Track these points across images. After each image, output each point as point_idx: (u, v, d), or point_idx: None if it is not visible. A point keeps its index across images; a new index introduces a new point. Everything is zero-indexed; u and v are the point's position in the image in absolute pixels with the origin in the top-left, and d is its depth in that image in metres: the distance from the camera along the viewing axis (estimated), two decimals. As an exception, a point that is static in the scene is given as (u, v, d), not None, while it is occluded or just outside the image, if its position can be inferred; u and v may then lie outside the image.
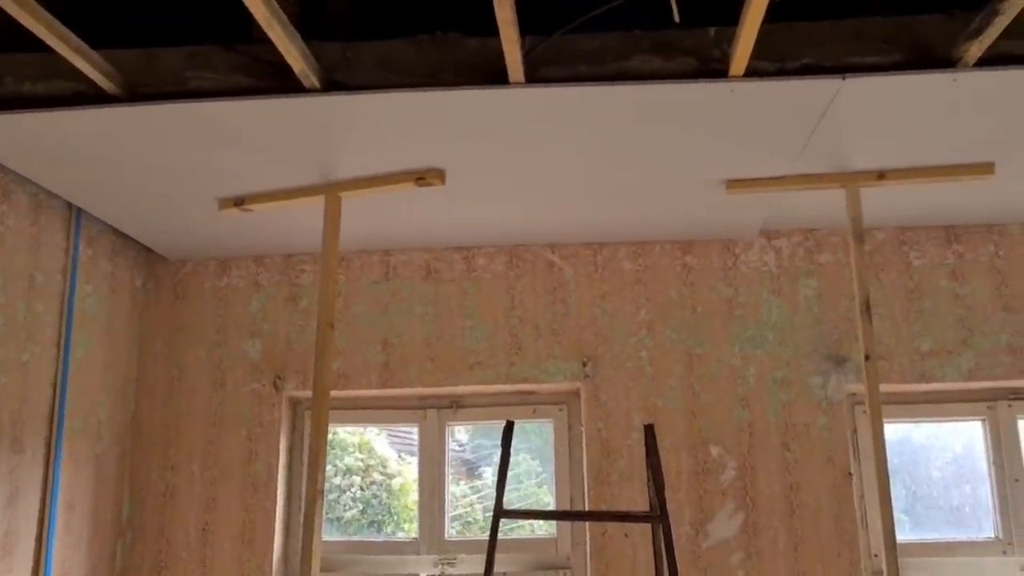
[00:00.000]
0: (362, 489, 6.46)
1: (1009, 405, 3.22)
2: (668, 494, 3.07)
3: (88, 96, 2.28)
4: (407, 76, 2.27)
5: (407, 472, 6.33)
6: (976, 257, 3.27)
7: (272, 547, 3.18)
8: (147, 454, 3.30)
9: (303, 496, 3.25)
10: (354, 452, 6.58)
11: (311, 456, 2.56)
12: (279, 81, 2.23)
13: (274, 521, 3.19)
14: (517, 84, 2.18)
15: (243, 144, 2.49)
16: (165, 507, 3.25)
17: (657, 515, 2.22)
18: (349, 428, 6.03)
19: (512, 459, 4.71)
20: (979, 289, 3.24)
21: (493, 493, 2.45)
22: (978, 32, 1.96)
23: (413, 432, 3.53)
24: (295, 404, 3.43)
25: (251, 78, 2.26)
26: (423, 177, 2.68)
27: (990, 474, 3.19)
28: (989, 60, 2.07)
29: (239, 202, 2.86)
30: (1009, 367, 3.15)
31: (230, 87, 2.26)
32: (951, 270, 3.27)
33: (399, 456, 6.70)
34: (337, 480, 6.31)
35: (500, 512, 2.27)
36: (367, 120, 2.37)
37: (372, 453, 6.61)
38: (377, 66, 2.27)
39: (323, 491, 2.53)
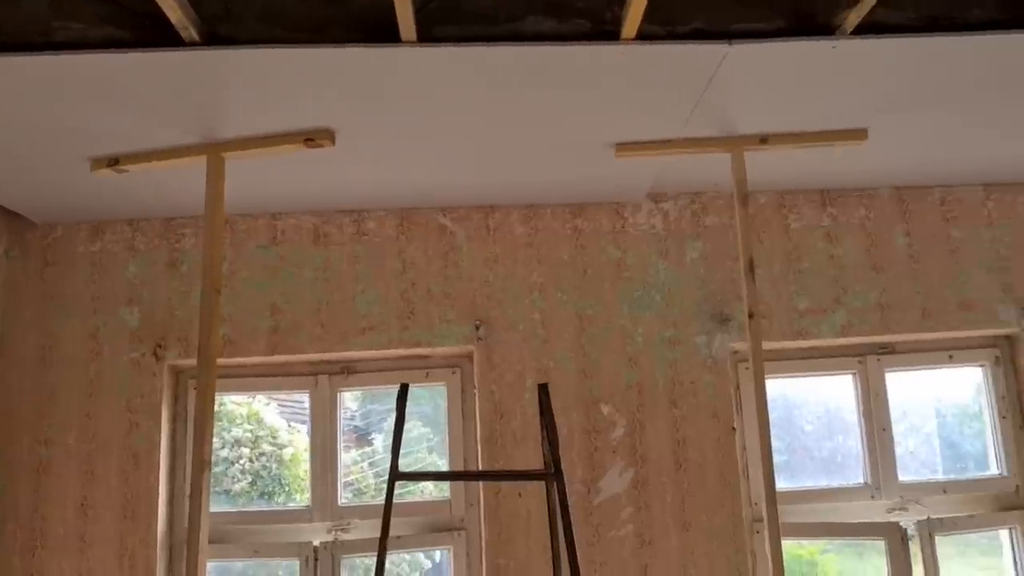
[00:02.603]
0: (251, 461, 6.32)
1: (878, 360, 3.41)
2: (561, 453, 3.15)
3: (-59, 45, 2.10)
4: (293, 31, 2.18)
5: (298, 441, 6.23)
6: (849, 220, 3.43)
7: (156, 521, 3.07)
8: (16, 428, 3.13)
9: (188, 468, 3.16)
10: (242, 423, 6.42)
11: (197, 426, 2.48)
12: (155, 33, 2.11)
13: (157, 494, 3.09)
14: (409, 43, 2.13)
15: (116, 100, 2.35)
16: (39, 483, 3.09)
17: (552, 473, 2.25)
18: (237, 399, 5.87)
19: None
20: (851, 250, 3.40)
21: (384, 459, 2.46)
22: (854, 1, 2.03)
23: (304, 401, 3.46)
24: (178, 373, 3.30)
25: (124, 29, 2.13)
26: (312, 138, 2.60)
27: (859, 424, 3.38)
28: (866, 28, 2.15)
29: (113, 162, 2.71)
30: (877, 324, 3.33)
31: (101, 39, 2.12)
32: (826, 232, 3.42)
33: (289, 426, 6.58)
34: (225, 452, 6.15)
35: (396, 475, 2.26)
36: (252, 77, 2.27)
37: (261, 424, 6.47)
38: (261, 19, 2.17)
39: (210, 462, 2.46)
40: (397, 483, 2.30)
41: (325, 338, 3.25)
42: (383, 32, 2.16)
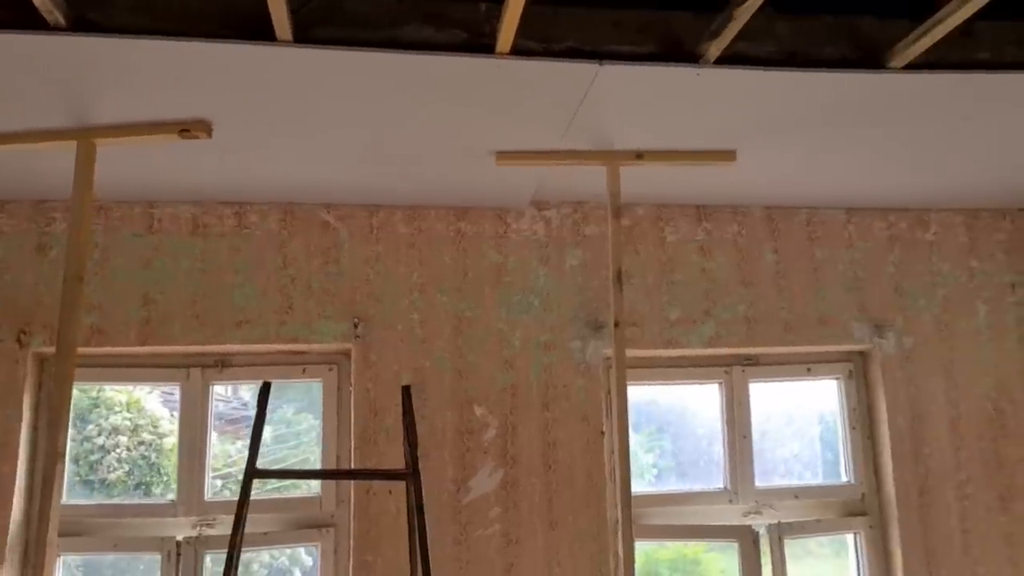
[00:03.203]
0: (129, 449, 6.13)
1: (743, 370, 3.58)
2: (433, 452, 3.21)
3: None
4: (166, 22, 2.15)
5: (213, 432, 6.07)
6: (722, 235, 3.58)
7: (10, 512, 2.97)
8: None
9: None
10: (121, 411, 6.22)
11: (52, 416, 2.42)
12: (20, 15, 2.05)
13: (13, 485, 2.99)
14: (285, 42, 2.14)
15: (-21, 79, 2.27)
16: None
17: (409, 472, 2.29)
18: (117, 387, 5.71)
19: (293, 417, 4.65)
20: (723, 264, 3.55)
21: (271, 451, 2.47)
22: (716, 34, 2.14)
23: (221, 392, 3.42)
24: (42, 361, 3.21)
25: (-13, 8, 2.07)
26: (188, 129, 2.57)
27: (722, 432, 3.54)
28: (727, 59, 2.27)
29: (-24, 141, 2.61)
30: (744, 336, 3.49)
31: (-40, 16, 2.06)
32: (700, 246, 3.56)
33: (172, 415, 6.41)
34: (101, 440, 5.95)
35: (252, 473, 2.26)
36: (122, 65, 2.23)
37: (142, 412, 6.28)
38: (133, 9, 2.14)
39: (64, 453, 2.41)
40: (259, 480, 2.30)
41: (200, 330, 3.21)
42: (259, 29, 2.15)
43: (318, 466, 3.33)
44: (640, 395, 3.85)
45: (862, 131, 2.81)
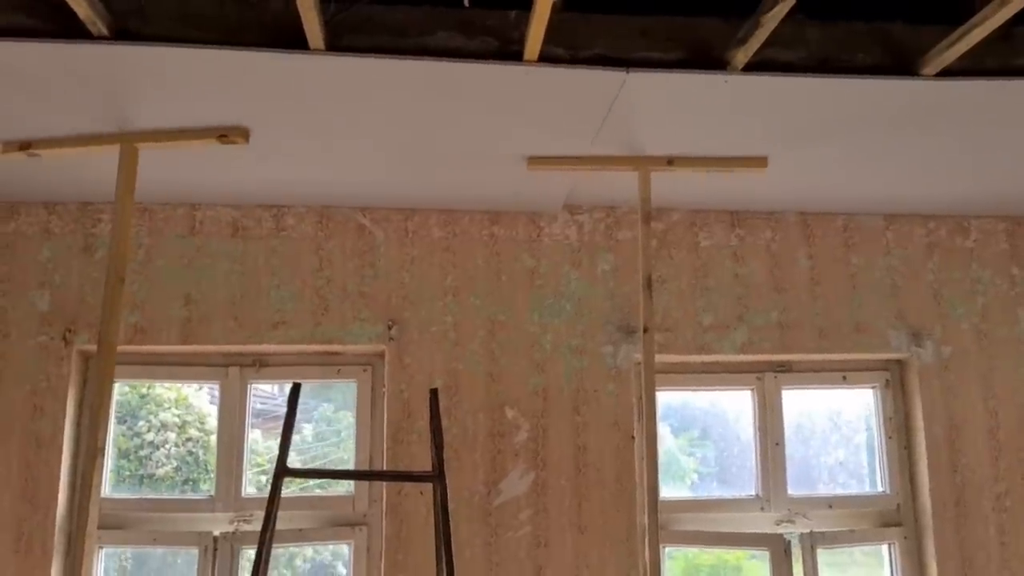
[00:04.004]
0: (177, 446, 6.28)
1: (775, 377, 3.55)
2: (465, 454, 3.24)
3: None
4: (205, 31, 2.23)
5: (254, 430, 6.19)
6: (756, 241, 3.57)
7: (56, 504, 3.07)
8: (-83, 407, 3.11)
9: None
10: (170, 408, 6.37)
11: (92, 412, 2.50)
12: (64, 25, 2.13)
13: (58, 479, 3.09)
14: (317, 51, 2.19)
15: (27, 88, 2.36)
16: (-63, 463, 3.08)
17: (436, 475, 2.32)
18: (166, 383, 5.85)
19: (333, 415, 4.71)
20: (756, 270, 3.53)
21: (312, 448, 2.53)
22: (743, 41, 2.14)
23: (260, 390, 3.50)
24: (87, 358, 3.30)
25: (34, 19, 2.16)
26: (226, 135, 2.64)
27: (755, 439, 3.52)
28: (755, 66, 2.27)
29: (25, 146, 2.71)
30: (777, 342, 3.47)
31: (9, 26, 2.14)
32: (734, 251, 3.55)
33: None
34: (151, 436, 6.11)
35: (283, 471, 2.31)
36: (163, 73, 2.31)
37: (189, 409, 6.42)
38: (174, 18, 2.21)
39: (104, 448, 2.49)
40: (292, 478, 2.35)
41: (237, 330, 3.28)
42: (293, 38, 2.21)
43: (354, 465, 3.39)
44: (682, 400, 3.85)
45: (897, 137, 2.78)
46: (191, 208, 3.37)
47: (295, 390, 2.40)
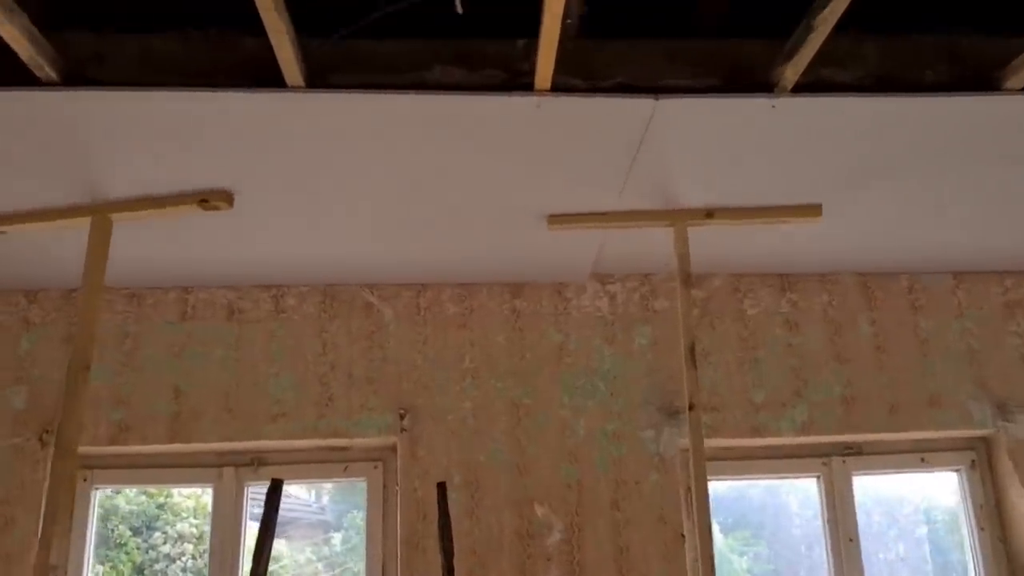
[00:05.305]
0: (194, 558, 5.87)
1: (843, 461, 3.11)
2: (490, 559, 2.83)
3: None
4: (172, 74, 1.96)
5: (252, 539, 5.78)
6: (810, 306, 3.18)
7: (22, 631, 2.69)
8: None
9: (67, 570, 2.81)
10: (188, 517, 5.99)
11: (45, 527, 2.15)
12: (9, 72, 1.88)
13: (24, 601, 2.71)
14: (296, 88, 1.91)
15: (-20, 151, 2.11)
16: None
17: (445, 588, 1.92)
18: (186, 491, 5.49)
19: (362, 522, 4.30)
20: (812, 339, 3.14)
21: (341, 560, 2.17)
22: (792, 52, 1.82)
23: (261, 494, 3.11)
24: (68, 461, 2.96)
25: (-23, 67, 1.90)
26: (207, 199, 2.36)
27: (824, 534, 3.05)
28: (807, 86, 1.95)
29: (-11, 222, 2.45)
30: (842, 421, 3.04)
31: (-51, 77, 1.90)
32: (785, 319, 3.16)
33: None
34: (167, 549, 5.73)
35: (254, 589, 1.92)
36: (128, 125, 2.04)
37: (208, 518, 6.05)
38: (136, 62, 1.95)
39: (59, 567, 2.11)
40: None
41: (232, 424, 2.94)
42: (272, 77, 1.94)
43: (362, 576, 2.96)
44: (732, 490, 3.41)
45: (970, 171, 2.42)
46: (183, 291, 3.08)
47: (275, 488, 2.03)
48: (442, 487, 2.10)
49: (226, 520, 2.97)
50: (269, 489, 2.01)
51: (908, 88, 1.99)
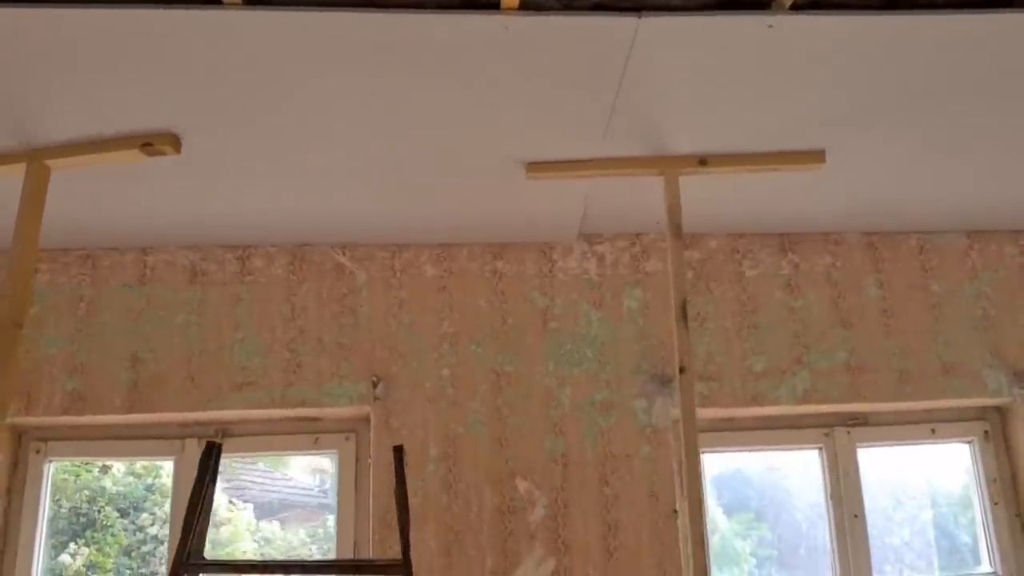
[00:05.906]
0: (183, 540, 5.73)
1: (848, 432, 2.91)
2: (468, 536, 2.64)
3: None
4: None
5: (239, 520, 5.63)
6: (812, 268, 2.98)
7: (-36, 614, 2.51)
8: None
9: (21, 551, 2.64)
10: (178, 498, 5.84)
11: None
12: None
13: (-34, 581, 2.54)
14: (232, 5, 1.70)
15: None
16: None
17: (399, 563, 1.72)
18: (110, 461, 5.31)
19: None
20: (815, 303, 2.93)
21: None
22: (791, -42, 1.61)
23: (252, 474, 2.94)
24: (20, 434, 2.78)
25: None
26: (151, 143, 2.15)
27: (827, 511, 2.85)
28: (808, 3, 1.73)
29: (-82, 170, 2.25)
30: (847, 389, 2.84)
31: None
32: (786, 281, 2.96)
33: (230, 502, 5.99)
34: (155, 530, 5.57)
35: (182, 566, 1.72)
36: (58, 50, 1.83)
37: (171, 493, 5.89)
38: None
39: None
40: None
41: (194, 394, 2.75)
42: (211, -2, 1.73)
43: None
44: (732, 468, 3.22)
45: (990, 108, 2.19)
46: (141, 252, 2.88)
47: (208, 452, 1.83)
48: (398, 451, 1.90)
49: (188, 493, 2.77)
50: (203, 453, 1.81)
51: (923, 5, 1.77)
